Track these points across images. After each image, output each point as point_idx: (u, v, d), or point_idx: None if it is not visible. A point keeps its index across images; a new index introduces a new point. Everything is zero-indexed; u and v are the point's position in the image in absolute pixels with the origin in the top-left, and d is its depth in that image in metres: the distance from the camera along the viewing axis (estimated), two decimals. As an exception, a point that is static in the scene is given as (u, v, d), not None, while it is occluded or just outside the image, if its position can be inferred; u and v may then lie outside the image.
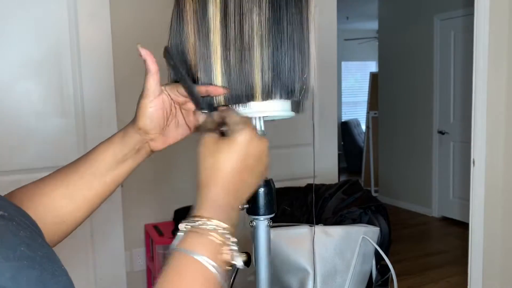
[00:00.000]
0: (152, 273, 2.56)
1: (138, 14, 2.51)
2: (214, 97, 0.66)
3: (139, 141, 0.70)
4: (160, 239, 2.43)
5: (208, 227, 0.53)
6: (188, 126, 0.72)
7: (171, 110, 0.70)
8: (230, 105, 0.67)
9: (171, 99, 0.70)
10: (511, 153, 2.25)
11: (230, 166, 0.56)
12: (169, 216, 2.65)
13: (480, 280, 2.38)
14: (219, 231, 0.53)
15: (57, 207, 0.69)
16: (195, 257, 0.51)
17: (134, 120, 0.70)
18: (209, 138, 0.58)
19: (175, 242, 0.54)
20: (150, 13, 2.46)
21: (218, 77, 0.65)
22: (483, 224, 2.35)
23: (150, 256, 2.58)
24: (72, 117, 2.30)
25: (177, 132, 0.72)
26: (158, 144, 0.71)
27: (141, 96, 0.69)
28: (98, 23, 2.30)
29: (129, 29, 2.50)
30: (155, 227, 2.59)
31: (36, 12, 2.19)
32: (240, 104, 0.67)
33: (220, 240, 0.53)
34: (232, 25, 0.63)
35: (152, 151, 0.72)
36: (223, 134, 0.59)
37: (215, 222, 0.53)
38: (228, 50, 0.63)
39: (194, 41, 0.66)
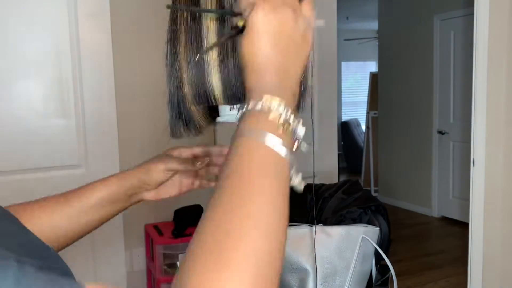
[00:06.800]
0: (152, 273, 2.56)
1: (138, 14, 2.51)
2: (212, 98, 0.66)
3: (135, 187, 0.74)
4: (160, 239, 2.43)
5: (260, 106, 0.47)
6: (180, 188, 0.78)
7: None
8: (229, 105, 0.67)
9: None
10: (511, 153, 2.25)
11: (258, 50, 0.49)
12: (169, 216, 2.65)
13: (480, 280, 2.38)
14: (289, 117, 0.47)
15: (54, 225, 0.71)
16: (273, 147, 0.45)
17: (137, 170, 0.74)
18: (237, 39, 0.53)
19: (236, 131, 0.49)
20: (150, 13, 2.46)
21: (214, 77, 0.64)
22: (483, 224, 2.35)
23: (150, 256, 2.58)
24: (72, 117, 2.30)
25: (170, 190, 0.78)
26: (150, 196, 0.76)
27: (160, 159, 0.75)
28: (98, 23, 2.30)
29: (129, 29, 2.50)
30: (155, 227, 2.58)
31: (36, 12, 2.19)
32: (238, 105, 0.67)
33: (290, 130, 0.47)
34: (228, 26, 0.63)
35: (142, 200, 0.77)
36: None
37: (283, 105, 0.47)
38: (226, 52, 0.63)
39: (185, 46, 0.65)
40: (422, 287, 3.39)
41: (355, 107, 8.44)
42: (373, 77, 5.95)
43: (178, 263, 2.46)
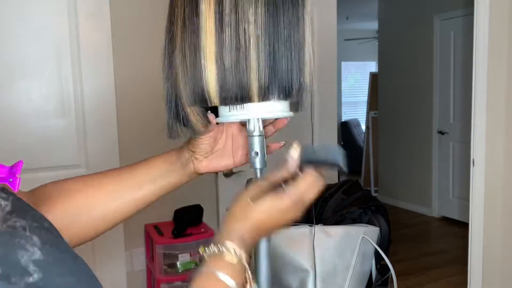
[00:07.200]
0: (152, 273, 2.56)
1: (138, 14, 2.52)
2: (208, 98, 0.65)
3: (187, 156, 0.76)
4: (160, 239, 2.43)
5: (235, 254, 0.59)
6: (233, 158, 0.77)
7: (219, 141, 0.76)
8: (229, 106, 0.67)
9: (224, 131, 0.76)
10: (511, 153, 2.25)
11: (265, 218, 0.62)
12: (169, 216, 2.65)
13: (480, 280, 2.38)
14: (242, 259, 0.59)
15: (105, 202, 0.73)
16: (224, 280, 0.57)
17: (187, 142, 0.76)
18: (263, 184, 0.63)
19: (201, 263, 0.60)
20: (150, 12, 2.46)
21: (211, 80, 0.64)
22: (483, 224, 2.35)
23: (150, 256, 2.58)
24: (72, 117, 2.30)
25: (220, 161, 0.77)
26: (201, 166, 0.76)
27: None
28: (98, 23, 2.31)
29: (129, 29, 2.50)
30: (155, 227, 2.59)
31: (36, 12, 2.19)
32: (238, 106, 0.66)
33: (244, 268, 0.59)
34: (227, 26, 0.62)
35: (196, 172, 0.77)
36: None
37: (239, 251, 0.59)
38: (223, 52, 0.62)
39: (182, 45, 0.64)
40: (422, 287, 3.39)
41: (355, 107, 8.44)
42: (373, 77, 5.95)
43: (177, 263, 2.46)
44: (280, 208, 0.62)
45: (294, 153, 0.65)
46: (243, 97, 0.64)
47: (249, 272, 0.61)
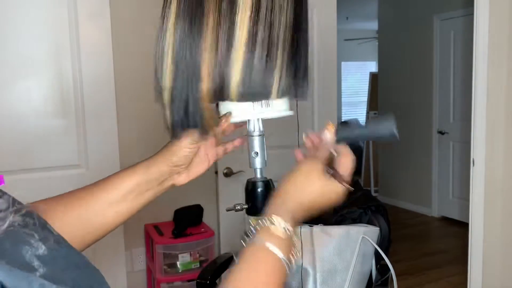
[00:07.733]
0: (152, 273, 2.56)
1: (139, 14, 2.52)
2: (228, 94, 0.64)
3: (166, 173, 0.72)
4: (160, 239, 2.43)
5: (285, 229, 0.61)
6: (208, 161, 0.76)
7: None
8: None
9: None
10: (511, 153, 2.25)
11: (318, 198, 0.66)
12: (169, 216, 2.65)
13: (480, 280, 2.38)
14: (291, 235, 0.62)
15: (75, 226, 0.70)
16: (275, 251, 0.59)
17: (162, 155, 0.72)
18: (319, 167, 0.66)
19: (252, 233, 0.62)
20: (151, 12, 2.46)
21: (236, 76, 0.63)
22: (482, 224, 2.35)
23: (150, 256, 2.58)
24: (72, 117, 2.30)
25: (199, 167, 0.75)
26: (182, 179, 0.74)
27: (178, 140, 0.70)
28: (99, 23, 2.30)
29: (130, 29, 2.50)
30: (155, 227, 2.59)
31: (36, 12, 2.19)
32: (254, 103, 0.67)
33: (291, 243, 0.62)
34: (262, 27, 0.62)
35: (173, 185, 0.75)
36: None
37: (288, 227, 0.62)
38: (253, 50, 0.62)
39: (214, 40, 0.63)
40: (422, 287, 3.39)
41: (355, 107, 8.44)
42: (373, 77, 5.95)
43: (177, 263, 2.46)
44: (332, 190, 0.66)
45: (329, 134, 0.68)
46: (266, 94, 0.65)
47: (295, 248, 0.64)
